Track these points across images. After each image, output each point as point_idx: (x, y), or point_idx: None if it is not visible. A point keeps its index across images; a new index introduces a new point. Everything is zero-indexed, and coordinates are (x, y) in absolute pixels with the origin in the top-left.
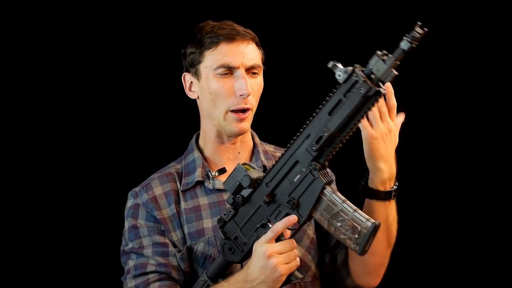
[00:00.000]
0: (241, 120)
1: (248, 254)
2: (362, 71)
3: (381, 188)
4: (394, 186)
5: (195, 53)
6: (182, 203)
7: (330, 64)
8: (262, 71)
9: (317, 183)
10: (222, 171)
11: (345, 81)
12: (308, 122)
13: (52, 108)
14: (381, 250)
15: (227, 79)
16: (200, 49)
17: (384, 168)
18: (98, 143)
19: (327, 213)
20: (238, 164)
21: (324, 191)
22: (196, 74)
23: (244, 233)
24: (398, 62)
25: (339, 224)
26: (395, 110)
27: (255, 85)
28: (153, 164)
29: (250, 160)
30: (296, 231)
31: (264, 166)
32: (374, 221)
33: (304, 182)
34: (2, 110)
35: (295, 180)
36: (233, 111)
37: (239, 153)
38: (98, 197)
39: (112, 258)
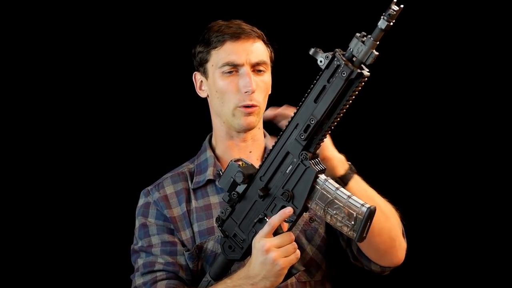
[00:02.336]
0: (249, 113)
1: (248, 251)
2: (343, 54)
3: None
4: (348, 168)
5: (203, 52)
6: (193, 201)
7: (311, 51)
8: (269, 69)
9: (309, 172)
10: None
11: (327, 66)
12: (295, 112)
13: (69, 110)
14: (380, 228)
15: (232, 77)
16: (207, 48)
17: (334, 163)
18: (113, 145)
19: (321, 202)
20: (231, 160)
21: (317, 180)
22: (205, 73)
23: (243, 229)
24: (377, 42)
25: (334, 212)
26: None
27: (261, 83)
28: (168, 165)
29: (261, 160)
30: (294, 223)
31: None
32: (369, 205)
33: (297, 172)
34: (18, 110)
35: (287, 171)
36: (240, 106)
37: (250, 152)
38: (113, 198)
39: (125, 257)
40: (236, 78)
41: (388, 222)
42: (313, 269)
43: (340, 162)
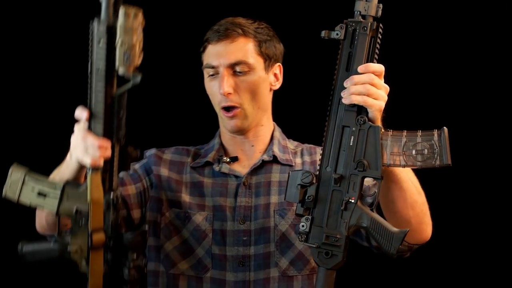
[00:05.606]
0: (229, 117)
1: (347, 247)
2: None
3: None
4: None
5: (201, 53)
6: (188, 175)
7: (323, 34)
8: (256, 68)
9: (372, 131)
10: (234, 159)
11: (345, 34)
12: (332, 88)
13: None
14: (413, 200)
15: (214, 80)
16: (201, 51)
17: None
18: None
19: (397, 151)
20: (289, 171)
21: (381, 133)
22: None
23: (332, 228)
24: None
25: (414, 152)
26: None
27: (242, 83)
28: None
29: (264, 152)
30: (379, 189)
31: (275, 156)
32: (437, 129)
33: (361, 139)
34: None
35: (351, 144)
36: (222, 108)
37: (252, 145)
38: None
39: None
40: (216, 80)
41: (421, 196)
42: (301, 263)
43: None
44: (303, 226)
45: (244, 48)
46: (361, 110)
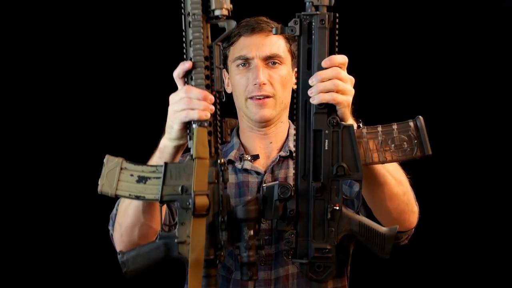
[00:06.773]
0: (260, 106)
1: (338, 257)
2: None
3: None
4: None
5: (225, 49)
6: None
7: (274, 31)
8: (287, 63)
9: (346, 131)
10: (255, 157)
11: (300, 30)
12: (296, 91)
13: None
14: (392, 193)
15: (245, 71)
16: (227, 45)
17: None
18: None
19: (376, 149)
20: (262, 186)
21: (356, 132)
22: (227, 69)
23: (320, 239)
24: None
25: (393, 146)
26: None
27: (275, 75)
28: None
29: (280, 149)
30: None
31: (291, 152)
32: (412, 119)
33: (335, 141)
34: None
35: (326, 148)
36: (251, 97)
37: (271, 142)
38: None
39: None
40: (248, 71)
41: (401, 186)
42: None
43: None
44: (288, 242)
45: (278, 43)
46: (331, 110)
